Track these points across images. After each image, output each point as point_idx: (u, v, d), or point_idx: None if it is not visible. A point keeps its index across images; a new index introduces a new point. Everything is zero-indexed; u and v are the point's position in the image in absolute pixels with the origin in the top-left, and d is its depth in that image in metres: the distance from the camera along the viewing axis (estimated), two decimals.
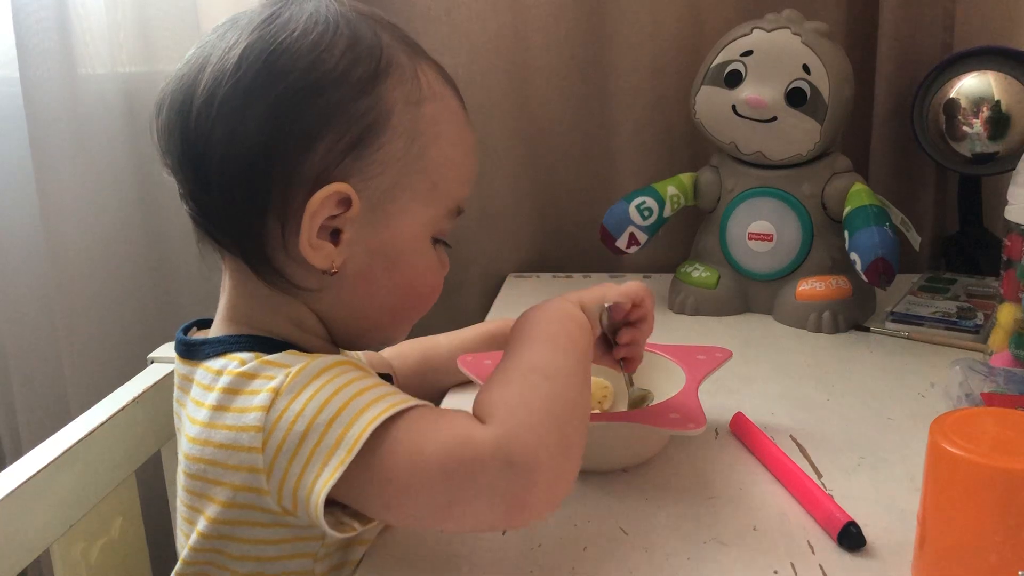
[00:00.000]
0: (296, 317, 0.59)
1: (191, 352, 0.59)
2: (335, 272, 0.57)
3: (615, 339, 0.68)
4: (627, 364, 0.70)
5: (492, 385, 0.55)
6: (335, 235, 0.57)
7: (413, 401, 0.53)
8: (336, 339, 0.62)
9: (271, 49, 0.54)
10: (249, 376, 0.54)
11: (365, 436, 0.50)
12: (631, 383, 0.70)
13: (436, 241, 0.62)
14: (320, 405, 0.51)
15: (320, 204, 0.55)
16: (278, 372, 0.53)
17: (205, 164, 0.55)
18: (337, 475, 0.49)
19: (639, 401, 0.70)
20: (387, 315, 0.61)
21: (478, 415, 0.53)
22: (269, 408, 0.52)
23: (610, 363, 0.70)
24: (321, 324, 0.61)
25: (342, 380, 0.53)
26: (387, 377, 0.64)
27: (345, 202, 0.56)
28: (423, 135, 0.58)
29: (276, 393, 0.52)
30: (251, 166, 0.54)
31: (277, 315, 0.59)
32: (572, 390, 0.56)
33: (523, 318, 0.62)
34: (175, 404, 0.62)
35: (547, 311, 0.62)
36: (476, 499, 0.49)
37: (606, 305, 0.66)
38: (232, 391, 0.54)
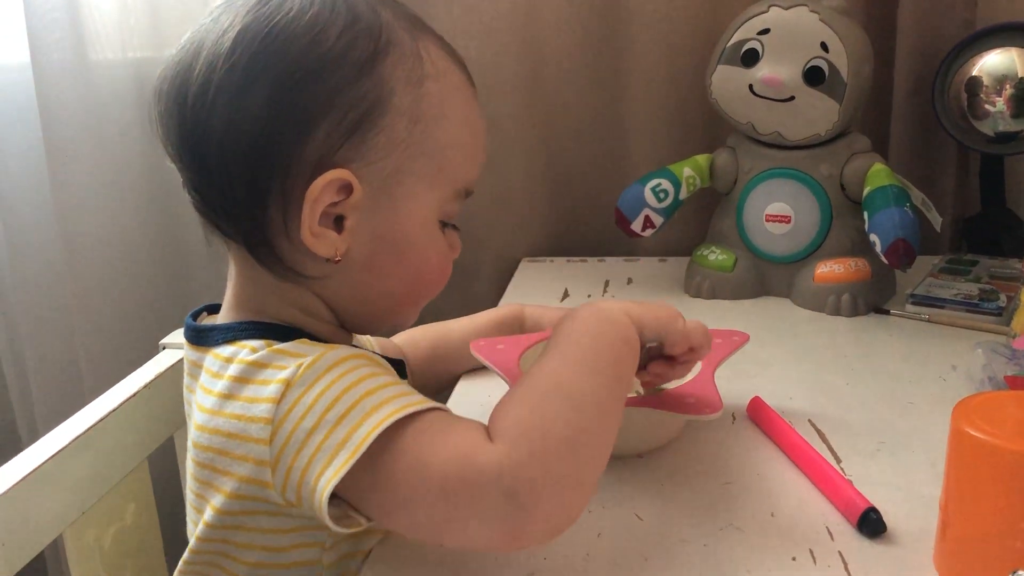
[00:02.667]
0: (303, 304, 0.59)
1: (200, 338, 0.59)
2: (339, 260, 0.56)
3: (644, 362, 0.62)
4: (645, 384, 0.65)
5: (513, 398, 0.51)
6: (338, 222, 0.55)
7: (426, 403, 0.51)
8: (345, 325, 0.61)
9: (266, 31, 0.53)
10: (260, 365, 0.53)
11: (372, 437, 0.48)
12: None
13: (444, 225, 0.60)
14: (331, 401, 0.50)
15: (321, 191, 0.53)
16: (290, 362, 0.52)
17: (204, 152, 0.54)
18: (341, 474, 0.48)
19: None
20: (395, 301, 0.60)
21: (491, 429, 0.49)
22: (280, 400, 0.51)
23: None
24: (329, 310, 0.60)
25: (354, 376, 0.51)
26: (400, 363, 0.64)
27: (347, 188, 0.54)
28: (426, 116, 0.56)
29: (287, 385, 0.51)
30: (249, 153, 0.53)
31: (284, 302, 0.58)
32: (599, 420, 0.51)
33: (570, 318, 0.57)
34: (185, 390, 0.61)
35: (596, 317, 0.57)
36: (472, 522, 0.48)
37: (650, 344, 0.61)
38: (242, 380, 0.53)
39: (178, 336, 0.83)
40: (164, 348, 0.83)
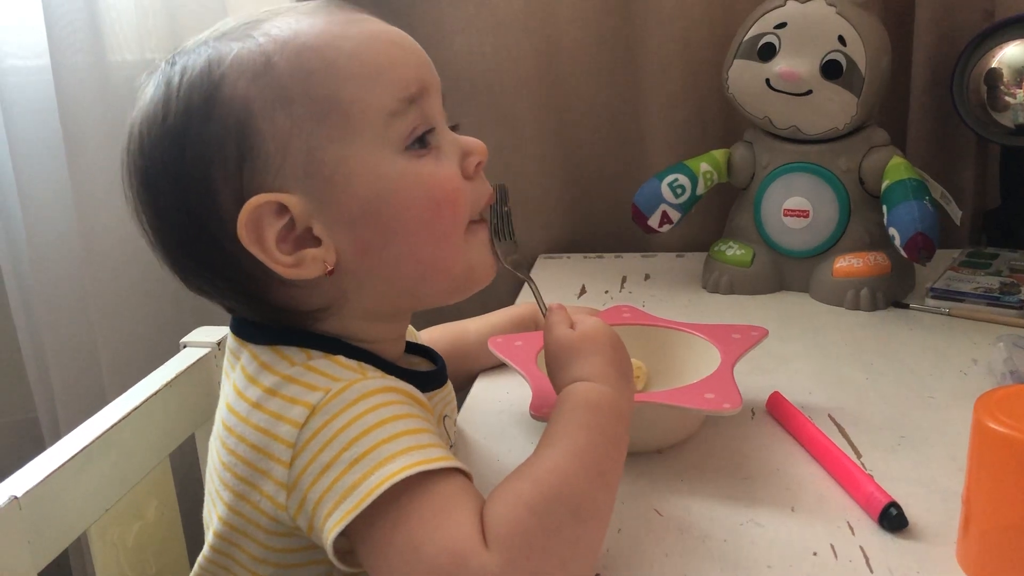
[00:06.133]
0: (345, 334, 0.56)
1: (240, 330, 0.57)
2: (331, 271, 0.53)
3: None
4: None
5: (517, 492, 0.49)
6: (309, 238, 0.53)
7: (441, 461, 0.48)
8: (416, 309, 0.59)
9: (137, 149, 0.54)
10: (291, 380, 0.52)
11: (378, 492, 0.47)
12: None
13: (418, 141, 0.54)
14: (349, 440, 0.49)
15: (248, 231, 0.51)
16: (320, 383, 0.51)
17: (180, 269, 0.56)
18: (346, 521, 0.47)
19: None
20: (429, 255, 0.55)
21: (489, 522, 0.47)
22: (303, 425, 0.50)
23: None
24: (370, 323, 0.57)
25: (378, 416, 0.50)
26: (441, 368, 0.63)
27: (281, 208, 0.51)
28: (292, 87, 0.51)
29: (312, 411, 0.50)
30: (194, 241, 0.54)
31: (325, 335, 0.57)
32: (598, 530, 0.50)
33: (569, 402, 0.55)
34: (223, 372, 0.60)
35: (608, 399, 0.55)
36: None
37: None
38: (272, 392, 0.52)
39: (198, 335, 0.84)
40: (185, 347, 0.83)
